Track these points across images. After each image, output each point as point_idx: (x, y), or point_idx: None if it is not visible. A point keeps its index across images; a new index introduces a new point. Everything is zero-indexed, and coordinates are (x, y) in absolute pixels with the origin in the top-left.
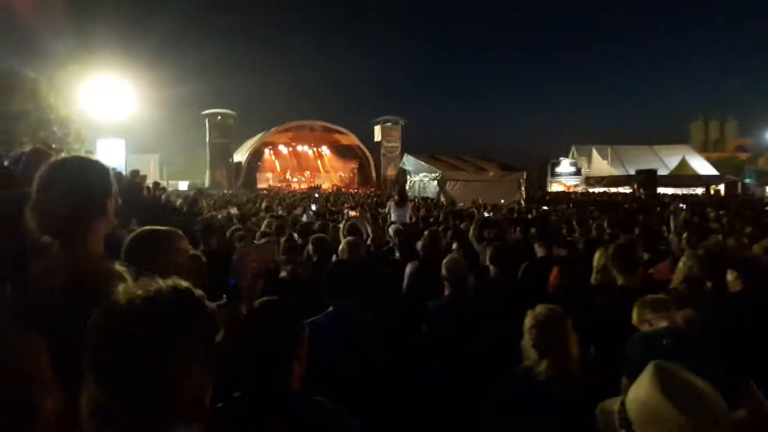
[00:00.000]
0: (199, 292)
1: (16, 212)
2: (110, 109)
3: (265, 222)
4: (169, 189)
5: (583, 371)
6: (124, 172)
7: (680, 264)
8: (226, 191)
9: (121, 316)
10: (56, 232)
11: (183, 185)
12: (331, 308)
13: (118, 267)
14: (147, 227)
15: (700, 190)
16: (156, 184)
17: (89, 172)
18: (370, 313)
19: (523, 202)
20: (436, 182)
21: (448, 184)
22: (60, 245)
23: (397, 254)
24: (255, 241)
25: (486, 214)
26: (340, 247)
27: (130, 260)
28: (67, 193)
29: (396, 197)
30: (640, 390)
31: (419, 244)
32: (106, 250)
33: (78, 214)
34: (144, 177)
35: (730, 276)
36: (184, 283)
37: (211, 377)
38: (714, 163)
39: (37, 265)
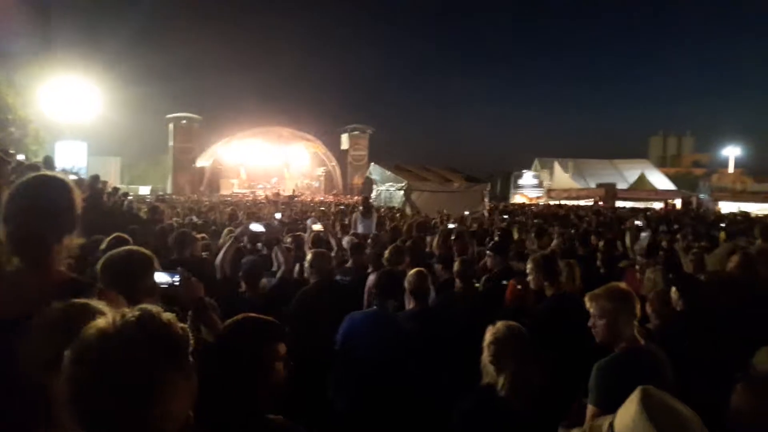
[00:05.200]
0: (177, 325)
1: None
2: (71, 110)
3: (225, 231)
4: (131, 195)
5: (543, 387)
6: (85, 176)
7: (645, 279)
8: (189, 197)
9: (95, 354)
10: (28, 254)
11: (144, 190)
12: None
13: (94, 304)
14: (123, 248)
15: (657, 205)
16: (116, 189)
17: (57, 191)
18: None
19: (486, 214)
20: (402, 192)
21: (413, 195)
22: (30, 266)
23: (349, 263)
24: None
25: (450, 226)
26: (307, 258)
27: (106, 281)
28: (39, 214)
29: (361, 208)
30: (628, 416)
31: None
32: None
33: (50, 235)
34: (105, 182)
35: (674, 295)
36: (166, 315)
37: (190, 405)
38: (671, 178)
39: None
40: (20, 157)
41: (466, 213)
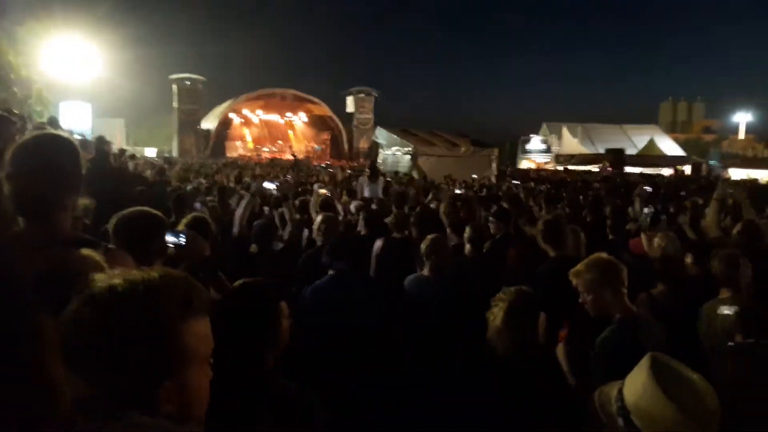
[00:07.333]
0: (191, 281)
1: None
2: (74, 70)
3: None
4: (138, 156)
5: (545, 350)
6: (90, 137)
7: (655, 244)
8: (194, 160)
9: (98, 306)
10: (33, 212)
11: (149, 152)
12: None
13: (96, 256)
14: (136, 209)
15: (666, 171)
16: (122, 151)
17: (63, 150)
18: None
19: (494, 179)
20: (408, 157)
21: (420, 159)
22: (35, 224)
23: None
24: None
25: (457, 191)
26: (316, 222)
27: (119, 241)
28: (44, 172)
29: (368, 171)
30: (637, 382)
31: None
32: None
33: (56, 194)
34: (110, 144)
35: (688, 259)
36: (174, 272)
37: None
38: (681, 144)
39: (8, 242)
40: (26, 120)
41: (474, 177)
